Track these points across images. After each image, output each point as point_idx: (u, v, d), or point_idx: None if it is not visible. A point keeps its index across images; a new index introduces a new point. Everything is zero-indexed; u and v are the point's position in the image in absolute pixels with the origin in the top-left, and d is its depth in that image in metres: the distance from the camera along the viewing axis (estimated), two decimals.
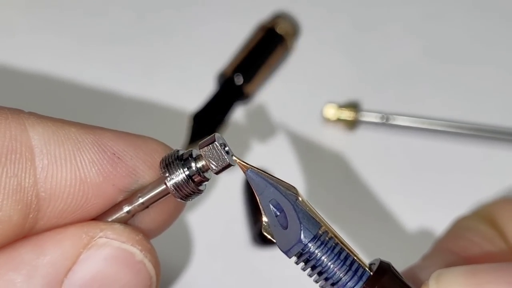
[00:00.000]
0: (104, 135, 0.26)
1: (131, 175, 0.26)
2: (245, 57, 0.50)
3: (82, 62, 0.52)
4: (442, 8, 0.54)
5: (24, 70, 0.52)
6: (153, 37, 0.53)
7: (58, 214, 0.25)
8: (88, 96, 0.51)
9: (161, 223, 0.28)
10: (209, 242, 0.45)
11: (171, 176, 0.25)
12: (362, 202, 0.47)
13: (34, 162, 0.24)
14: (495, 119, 0.49)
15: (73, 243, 0.25)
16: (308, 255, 0.25)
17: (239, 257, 0.44)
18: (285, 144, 0.49)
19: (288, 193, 0.25)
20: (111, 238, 0.25)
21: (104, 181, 0.25)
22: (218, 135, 0.26)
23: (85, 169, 0.25)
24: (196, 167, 0.25)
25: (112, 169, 0.26)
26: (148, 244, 0.26)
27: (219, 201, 0.46)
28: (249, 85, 0.50)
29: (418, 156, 0.49)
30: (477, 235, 0.32)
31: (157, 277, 0.26)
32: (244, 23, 0.53)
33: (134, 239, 0.25)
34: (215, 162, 0.25)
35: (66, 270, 0.24)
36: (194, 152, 0.26)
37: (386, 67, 0.52)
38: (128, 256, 0.25)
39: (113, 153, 0.26)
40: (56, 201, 0.25)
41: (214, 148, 0.25)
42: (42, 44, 0.53)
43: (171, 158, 0.26)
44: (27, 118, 0.25)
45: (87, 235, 0.25)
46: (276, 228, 0.26)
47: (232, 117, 0.50)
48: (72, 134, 0.25)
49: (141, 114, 0.50)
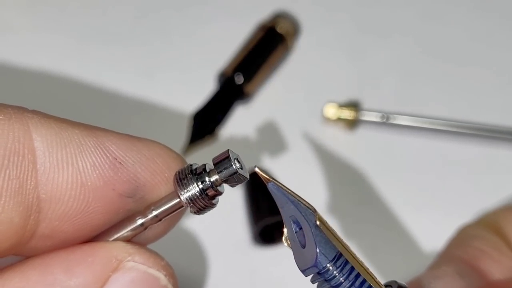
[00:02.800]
0: (106, 138, 0.26)
1: (131, 181, 0.26)
2: (245, 57, 0.50)
3: (82, 61, 0.52)
4: (443, 8, 0.54)
5: (24, 69, 0.51)
6: (153, 37, 0.53)
7: (59, 217, 0.25)
8: (88, 96, 0.51)
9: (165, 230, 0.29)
10: (209, 242, 0.45)
11: (185, 189, 0.25)
12: (363, 201, 0.47)
13: (36, 164, 0.25)
14: (496, 118, 0.49)
15: (103, 267, 0.25)
16: (324, 277, 0.25)
17: (240, 257, 0.44)
18: (285, 144, 0.49)
19: (308, 214, 0.25)
20: (139, 262, 0.26)
21: (104, 185, 0.26)
22: (231, 150, 0.26)
23: (86, 173, 0.25)
24: (210, 181, 0.25)
25: (113, 174, 0.26)
26: (171, 269, 0.27)
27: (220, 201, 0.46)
28: (249, 84, 0.50)
29: (418, 155, 0.49)
30: (485, 244, 0.32)
31: None
32: (244, 22, 0.53)
33: (160, 264, 0.26)
34: (229, 176, 0.25)
35: None
36: (207, 166, 0.26)
37: (386, 67, 0.52)
38: (154, 280, 0.26)
39: (115, 158, 0.26)
40: (57, 203, 0.25)
41: (228, 162, 0.25)
42: (43, 43, 0.53)
43: (185, 172, 0.26)
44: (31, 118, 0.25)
45: (117, 259, 0.25)
46: (295, 244, 0.26)
47: (232, 117, 0.50)
48: (75, 136, 0.25)
49: (141, 113, 0.50)
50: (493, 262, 0.31)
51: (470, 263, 0.31)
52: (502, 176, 0.47)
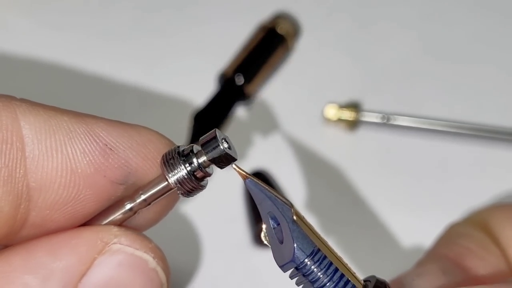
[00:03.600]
0: (96, 125, 0.26)
1: (123, 167, 0.26)
2: (246, 57, 0.50)
3: (83, 60, 0.52)
4: (444, 8, 0.54)
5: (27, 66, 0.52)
6: (154, 37, 0.53)
7: (50, 205, 0.25)
8: (89, 96, 0.51)
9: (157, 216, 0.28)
10: (210, 243, 0.45)
11: (173, 172, 0.25)
12: (363, 202, 0.47)
13: (24, 152, 0.24)
14: (496, 119, 0.49)
15: (88, 248, 0.24)
16: (302, 272, 0.25)
17: (241, 257, 0.44)
18: (286, 145, 0.49)
19: (284, 210, 0.25)
20: (125, 244, 0.25)
21: (95, 172, 0.25)
22: (219, 131, 0.25)
23: (76, 160, 0.25)
24: (198, 163, 0.25)
25: (103, 160, 0.25)
26: (160, 252, 0.26)
27: (221, 201, 0.46)
28: (249, 85, 0.50)
29: (419, 156, 0.49)
30: (472, 242, 0.32)
31: (167, 284, 0.26)
32: (245, 23, 0.53)
33: (148, 247, 0.25)
34: (217, 156, 0.25)
35: (81, 275, 0.24)
36: (195, 147, 0.25)
37: (387, 67, 0.52)
38: (142, 263, 0.25)
39: (105, 144, 0.25)
40: (47, 191, 0.25)
41: (215, 143, 0.25)
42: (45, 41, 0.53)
43: (172, 154, 0.25)
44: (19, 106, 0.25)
45: (102, 241, 0.25)
46: (273, 240, 0.26)
47: (233, 117, 0.50)
48: (64, 124, 0.25)
49: (142, 114, 0.50)
50: (478, 260, 0.31)
51: (454, 260, 0.31)
52: (503, 177, 0.47)
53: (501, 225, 0.33)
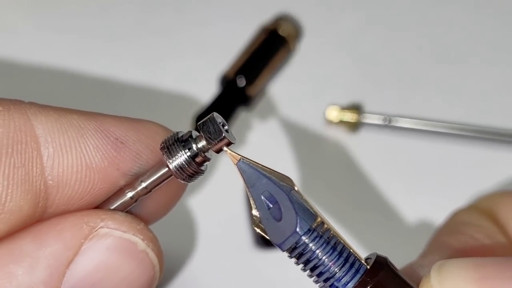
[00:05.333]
0: (106, 121, 0.26)
1: (134, 159, 0.26)
2: (248, 59, 0.50)
3: (84, 62, 0.52)
4: (445, 11, 0.54)
5: (28, 68, 0.52)
6: (155, 39, 0.53)
7: (66, 201, 0.25)
8: (91, 98, 0.51)
9: (164, 206, 0.28)
10: (211, 243, 0.45)
11: (173, 158, 0.25)
12: (365, 204, 0.47)
13: (40, 151, 0.25)
14: (498, 120, 0.49)
15: (74, 234, 0.24)
16: (302, 248, 0.25)
17: (242, 259, 0.44)
18: (288, 146, 0.48)
19: (283, 184, 0.25)
20: (112, 228, 0.25)
21: (109, 165, 0.26)
22: (217, 114, 0.25)
23: (90, 155, 0.25)
24: (197, 147, 0.25)
25: (116, 154, 0.26)
26: (150, 233, 0.26)
27: (221, 202, 0.46)
28: (251, 87, 0.50)
29: (421, 158, 0.48)
30: (478, 231, 0.31)
31: (160, 266, 0.26)
32: (246, 25, 0.53)
33: (136, 229, 0.25)
34: (215, 141, 0.25)
35: (68, 262, 0.24)
36: (193, 133, 0.26)
37: (388, 69, 0.52)
38: (130, 245, 0.25)
39: (116, 138, 0.26)
40: (64, 188, 0.25)
41: (212, 127, 0.25)
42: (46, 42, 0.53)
43: (172, 140, 0.26)
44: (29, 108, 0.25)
45: (88, 225, 0.25)
46: (269, 221, 0.25)
47: (235, 119, 0.50)
48: (74, 122, 0.25)
49: (144, 116, 0.49)
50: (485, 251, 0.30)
51: (460, 250, 0.30)
52: (505, 178, 0.47)
53: (509, 213, 0.32)
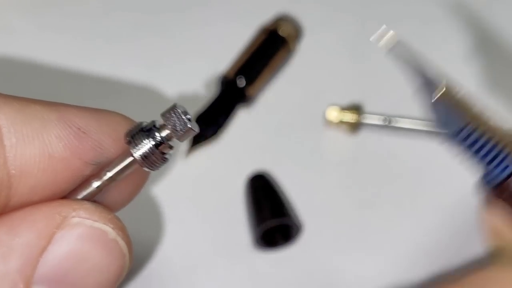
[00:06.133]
0: (68, 111, 0.27)
1: (96, 148, 0.27)
2: (247, 60, 0.50)
3: (84, 63, 0.52)
4: (444, 11, 0.54)
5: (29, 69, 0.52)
6: (155, 39, 0.53)
7: (30, 190, 0.26)
8: (91, 98, 0.51)
9: (127, 195, 0.29)
10: (211, 244, 0.44)
11: (137, 147, 0.26)
12: (365, 204, 0.47)
13: (2, 141, 0.25)
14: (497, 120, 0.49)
15: (47, 223, 0.25)
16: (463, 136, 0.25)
17: (241, 260, 0.44)
18: (288, 147, 0.48)
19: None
20: (84, 217, 0.26)
21: (71, 155, 0.26)
22: (179, 104, 0.26)
23: (53, 145, 0.26)
24: (161, 136, 0.26)
25: (78, 143, 0.26)
26: (120, 223, 0.27)
27: (221, 202, 0.46)
28: (251, 87, 0.50)
29: (421, 158, 0.48)
30: None
31: (130, 255, 0.27)
32: (246, 25, 0.53)
33: (106, 218, 0.26)
34: (178, 129, 0.26)
35: (41, 250, 0.25)
36: (157, 122, 0.27)
37: (388, 70, 0.52)
38: (101, 234, 0.26)
39: (78, 127, 0.26)
40: (27, 177, 0.26)
41: (175, 116, 0.26)
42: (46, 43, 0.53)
43: (136, 129, 0.27)
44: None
45: (60, 215, 0.25)
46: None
47: (235, 119, 0.50)
48: (37, 112, 0.26)
49: (143, 116, 0.49)
50: None
51: None
52: None
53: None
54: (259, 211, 0.44)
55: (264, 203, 0.45)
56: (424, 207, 0.46)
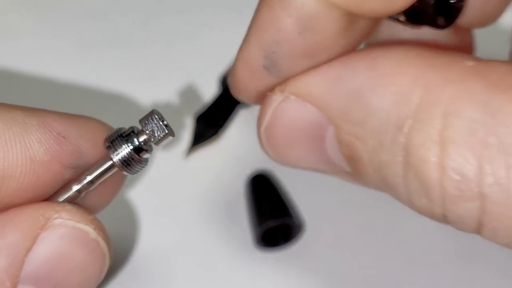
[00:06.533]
0: (48, 117, 0.28)
1: (75, 153, 0.28)
2: None
3: (85, 66, 0.52)
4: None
5: (28, 74, 0.52)
6: (156, 41, 0.53)
7: (12, 193, 0.27)
8: (90, 100, 0.51)
9: (105, 198, 0.30)
10: (212, 244, 0.44)
11: (116, 151, 0.27)
12: (365, 204, 0.47)
13: None
14: None
15: (31, 224, 0.26)
16: None
17: (242, 260, 0.44)
18: None
19: None
20: (66, 218, 0.27)
21: (52, 159, 0.27)
22: (156, 110, 0.28)
23: (34, 149, 0.27)
24: (139, 141, 0.27)
25: (58, 148, 0.27)
26: (100, 224, 0.28)
27: (222, 202, 0.46)
28: None
29: None
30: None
31: (109, 255, 0.28)
32: (246, 25, 0.53)
33: (87, 219, 0.27)
34: (156, 134, 0.27)
35: (26, 250, 0.26)
36: (135, 128, 0.28)
37: None
38: (83, 234, 0.27)
39: (58, 132, 0.27)
40: (9, 181, 0.26)
41: (153, 122, 0.27)
42: (46, 48, 0.53)
43: (115, 135, 0.28)
44: None
45: (44, 216, 0.26)
46: None
47: (235, 119, 0.50)
48: (18, 117, 0.27)
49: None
50: None
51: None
52: None
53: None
54: (259, 211, 0.44)
55: (265, 203, 0.45)
56: None
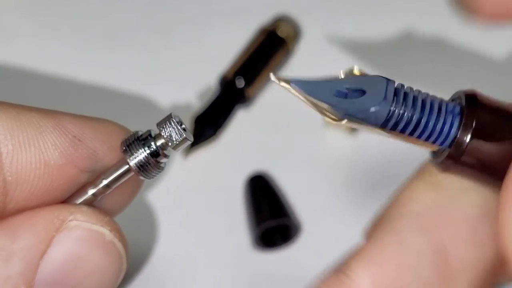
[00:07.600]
0: (64, 119, 0.27)
1: (91, 156, 0.27)
2: (246, 60, 0.50)
3: (84, 66, 0.52)
4: (444, 10, 0.54)
5: (28, 73, 0.52)
6: (154, 41, 0.53)
7: (26, 197, 0.26)
8: (90, 100, 0.51)
9: (121, 203, 0.30)
10: (210, 245, 0.44)
11: (133, 155, 0.27)
12: (364, 205, 0.46)
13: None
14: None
15: (45, 227, 0.26)
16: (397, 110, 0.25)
17: (240, 261, 0.44)
18: (287, 147, 0.48)
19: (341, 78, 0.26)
20: (81, 220, 0.26)
21: (66, 162, 0.27)
22: (174, 114, 0.27)
23: (48, 152, 0.26)
24: (156, 145, 0.27)
25: (73, 151, 0.27)
26: (116, 225, 0.27)
27: (220, 203, 0.46)
28: (250, 88, 0.50)
29: (421, 160, 0.48)
30: None
31: (126, 257, 0.27)
32: (245, 26, 0.53)
33: (103, 220, 0.27)
34: (174, 139, 0.27)
35: (42, 253, 0.25)
36: (152, 132, 0.27)
37: (388, 69, 0.52)
38: (99, 236, 0.26)
39: (73, 135, 0.27)
40: (23, 184, 0.26)
41: (171, 126, 0.27)
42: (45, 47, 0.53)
43: (132, 138, 0.27)
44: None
45: (58, 218, 0.26)
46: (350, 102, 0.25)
47: (234, 120, 0.49)
48: (33, 119, 0.26)
49: (143, 117, 0.49)
50: None
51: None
52: None
53: None
54: (258, 211, 0.44)
55: (263, 204, 0.45)
56: None
